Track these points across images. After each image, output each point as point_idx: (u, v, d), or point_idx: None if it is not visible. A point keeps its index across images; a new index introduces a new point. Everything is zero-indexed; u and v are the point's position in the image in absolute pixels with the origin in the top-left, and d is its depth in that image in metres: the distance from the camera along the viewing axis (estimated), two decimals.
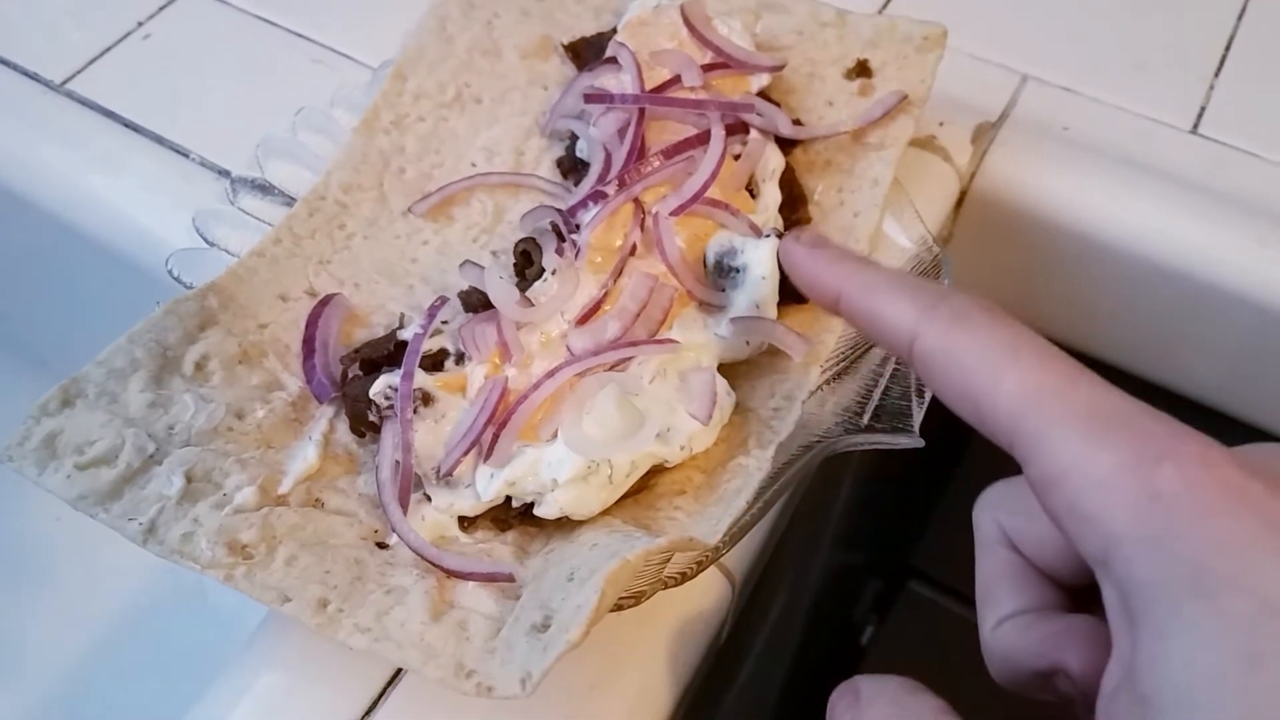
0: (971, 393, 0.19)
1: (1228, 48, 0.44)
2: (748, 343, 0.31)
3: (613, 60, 0.36)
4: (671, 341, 0.30)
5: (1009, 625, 0.21)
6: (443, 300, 0.32)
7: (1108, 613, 0.17)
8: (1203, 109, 0.42)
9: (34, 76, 0.43)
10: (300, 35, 0.44)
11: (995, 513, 0.22)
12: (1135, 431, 0.17)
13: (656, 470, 0.29)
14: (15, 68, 0.43)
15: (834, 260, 0.24)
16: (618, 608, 0.27)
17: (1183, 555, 0.16)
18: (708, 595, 0.31)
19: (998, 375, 0.19)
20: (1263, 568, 0.15)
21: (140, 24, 0.45)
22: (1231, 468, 0.16)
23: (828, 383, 0.31)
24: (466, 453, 0.28)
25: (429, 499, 0.29)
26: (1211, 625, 0.15)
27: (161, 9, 0.45)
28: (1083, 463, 0.17)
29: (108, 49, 0.44)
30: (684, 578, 0.27)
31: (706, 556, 0.27)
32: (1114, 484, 0.17)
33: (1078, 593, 0.21)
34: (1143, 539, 0.16)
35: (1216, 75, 0.43)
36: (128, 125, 0.41)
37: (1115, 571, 0.17)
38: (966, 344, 0.19)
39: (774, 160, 0.35)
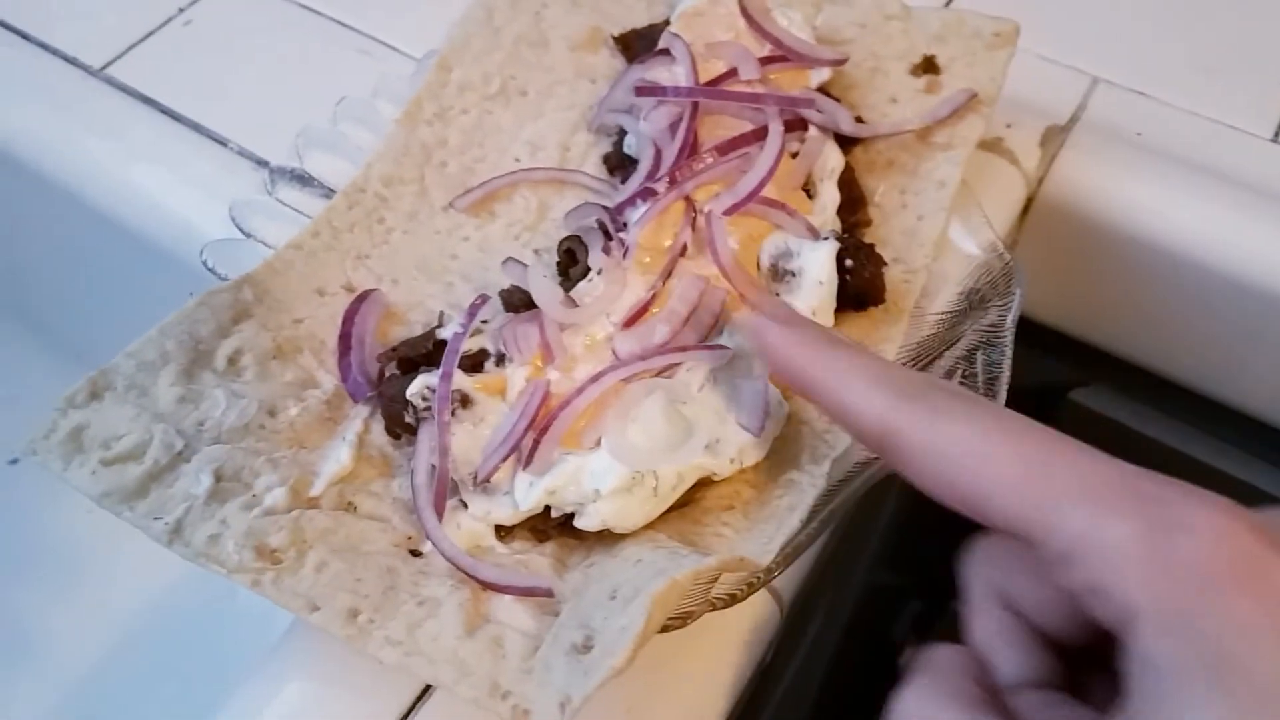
0: (961, 484, 0.19)
1: None
2: None
3: (665, 52, 0.35)
4: (722, 348, 0.29)
5: (1031, 697, 0.20)
6: (483, 299, 0.31)
7: (1128, 679, 0.17)
8: None
9: (73, 61, 0.42)
10: (344, 24, 0.44)
11: (989, 571, 0.21)
12: (1144, 498, 0.17)
13: (704, 483, 0.28)
14: (54, 52, 0.43)
15: (809, 342, 0.23)
16: (663, 629, 0.25)
17: (1197, 636, 0.16)
18: (754, 618, 0.30)
19: (988, 462, 0.18)
20: (1269, 655, 0.16)
21: (181, 10, 0.44)
22: (1250, 538, 0.16)
23: None
24: (505, 458, 0.27)
25: (465, 506, 0.28)
26: (1218, 709, 0.15)
27: None
28: (1093, 536, 0.17)
29: (148, 35, 0.43)
30: (733, 599, 0.26)
31: (757, 578, 0.26)
32: (1127, 555, 0.17)
33: (1075, 654, 0.21)
34: (1158, 615, 0.16)
35: None
36: (166, 112, 0.40)
37: (1133, 645, 0.17)
38: (952, 435, 0.19)
39: (833, 159, 0.33)
